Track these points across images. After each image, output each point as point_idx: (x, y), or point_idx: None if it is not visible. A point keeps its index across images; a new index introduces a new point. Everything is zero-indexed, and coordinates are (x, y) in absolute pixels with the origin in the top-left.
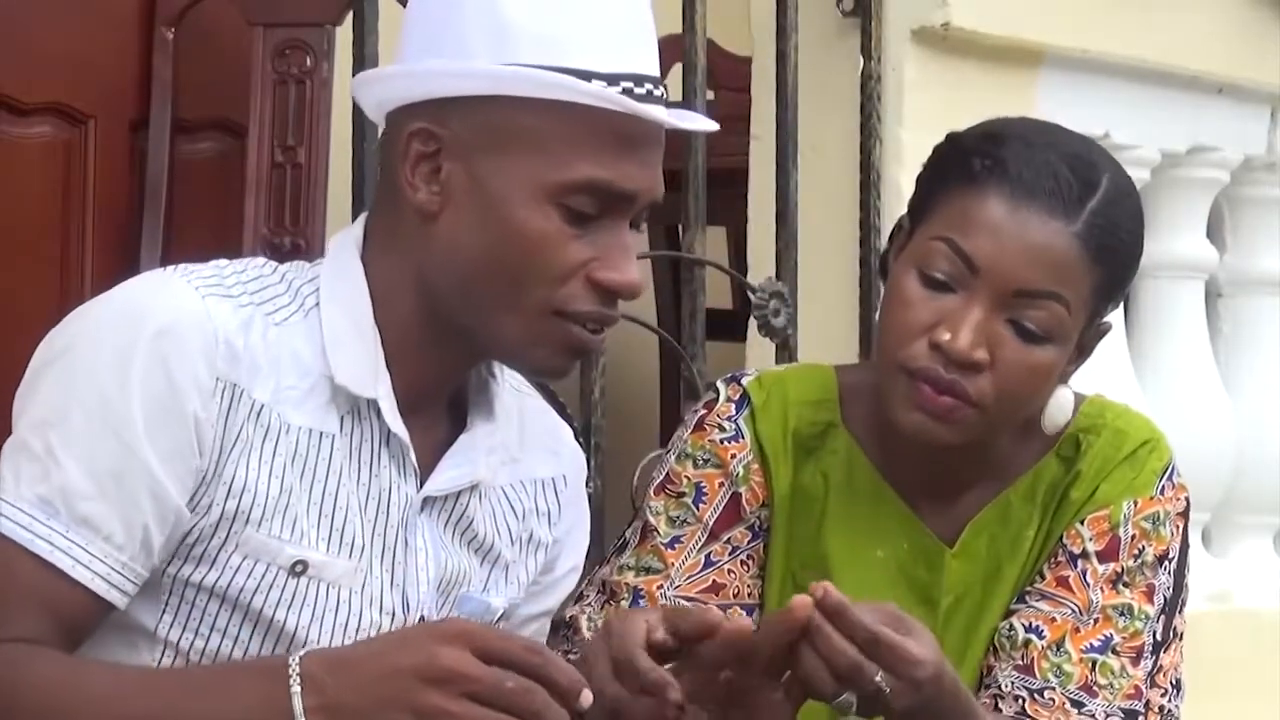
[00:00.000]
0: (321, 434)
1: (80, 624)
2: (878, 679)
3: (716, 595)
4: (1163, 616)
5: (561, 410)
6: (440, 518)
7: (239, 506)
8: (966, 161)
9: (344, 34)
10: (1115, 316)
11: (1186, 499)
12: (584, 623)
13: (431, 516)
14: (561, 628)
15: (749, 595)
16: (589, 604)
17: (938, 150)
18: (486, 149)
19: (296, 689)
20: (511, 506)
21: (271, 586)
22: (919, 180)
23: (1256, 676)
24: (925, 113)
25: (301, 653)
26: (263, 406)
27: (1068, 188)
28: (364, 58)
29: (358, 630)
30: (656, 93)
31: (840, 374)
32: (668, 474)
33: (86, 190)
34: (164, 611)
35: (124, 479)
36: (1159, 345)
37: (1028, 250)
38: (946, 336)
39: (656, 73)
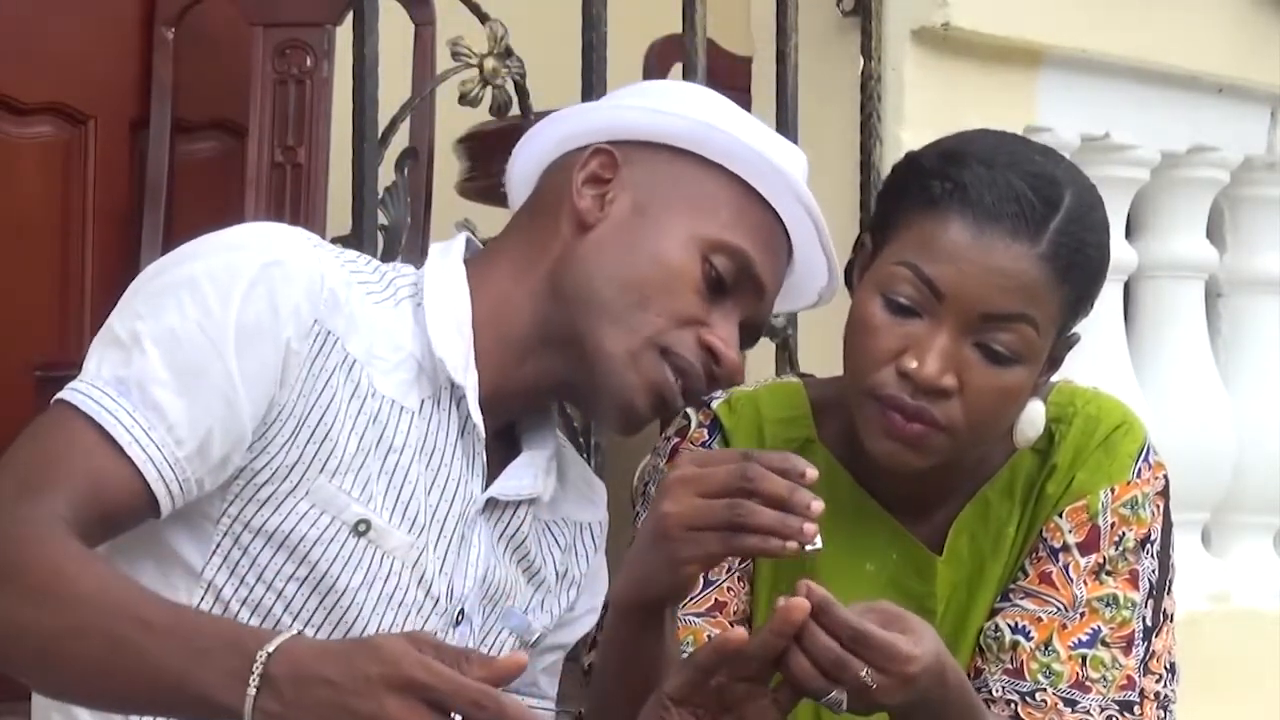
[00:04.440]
0: (403, 408)
1: (120, 513)
2: (863, 674)
3: (721, 613)
4: (1150, 601)
5: (562, 411)
6: (496, 528)
7: (318, 453)
8: (926, 184)
9: (344, 34)
10: (1115, 316)
11: (1165, 477)
12: None
13: (489, 522)
14: (581, 675)
15: (746, 611)
16: None
17: (897, 170)
18: (659, 190)
19: (253, 690)
20: (556, 540)
21: (331, 541)
22: (879, 199)
23: (1256, 676)
24: (925, 113)
25: (272, 647)
26: (355, 361)
27: (1030, 209)
28: (364, 57)
29: (402, 605)
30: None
31: (810, 389)
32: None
33: (86, 190)
34: (214, 552)
35: (202, 378)
36: (1159, 345)
37: (992, 275)
38: (914, 364)
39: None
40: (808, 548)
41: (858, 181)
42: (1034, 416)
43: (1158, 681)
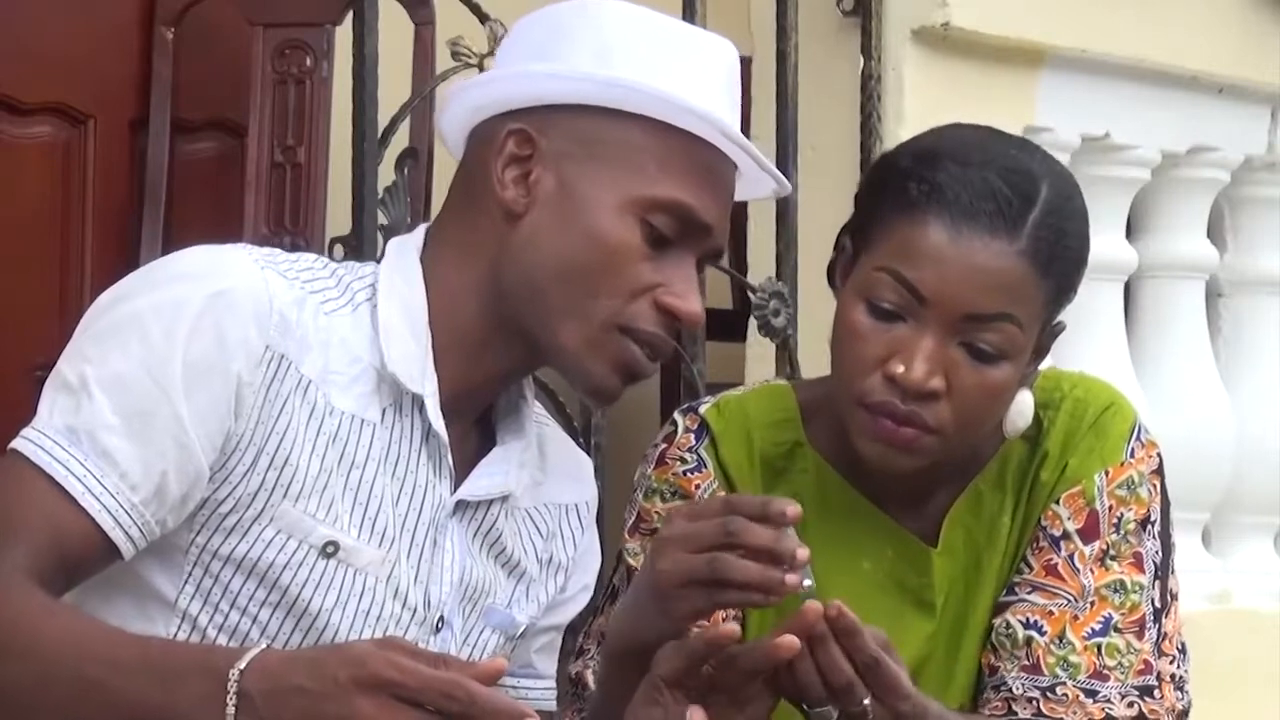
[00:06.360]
0: (363, 421)
1: (82, 562)
2: (865, 702)
3: (707, 621)
4: (1156, 582)
5: (561, 410)
6: (470, 526)
7: (279, 479)
8: (903, 187)
9: (344, 34)
10: (1115, 316)
11: (1158, 455)
12: (590, 678)
13: (461, 523)
14: (568, 685)
15: (734, 615)
16: (592, 658)
17: (872, 172)
18: (580, 158)
19: (232, 710)
20: (537, 527)
21: (300, 565)
22: (857, 201)
23: (1256, 676)
24: (925, 113)
25: (243, 664)
26: (310, 383)
27: (1007, 205)
28: (364, 57)
29: (378, 620)
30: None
31: (799, 391)
32: (638, 513)
33: (86, 190)
34: (186, 582)
35: (151, 421)
36: (1159, 345)
37: (974, 275)
38: (900, 369)
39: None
40: (804, 584)
41: (858, 181)
42: (1023, 407)
43: (1171, 663)
